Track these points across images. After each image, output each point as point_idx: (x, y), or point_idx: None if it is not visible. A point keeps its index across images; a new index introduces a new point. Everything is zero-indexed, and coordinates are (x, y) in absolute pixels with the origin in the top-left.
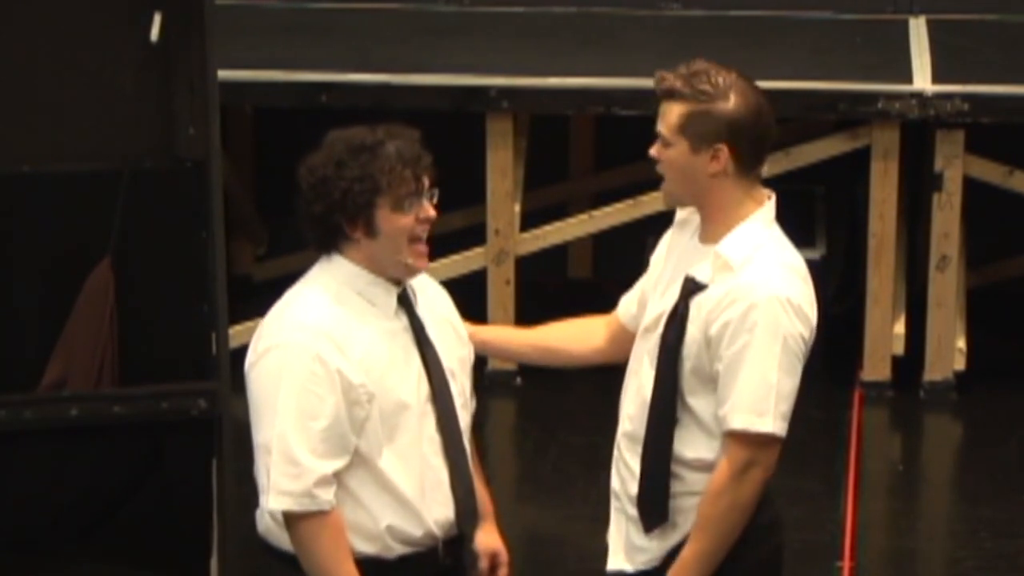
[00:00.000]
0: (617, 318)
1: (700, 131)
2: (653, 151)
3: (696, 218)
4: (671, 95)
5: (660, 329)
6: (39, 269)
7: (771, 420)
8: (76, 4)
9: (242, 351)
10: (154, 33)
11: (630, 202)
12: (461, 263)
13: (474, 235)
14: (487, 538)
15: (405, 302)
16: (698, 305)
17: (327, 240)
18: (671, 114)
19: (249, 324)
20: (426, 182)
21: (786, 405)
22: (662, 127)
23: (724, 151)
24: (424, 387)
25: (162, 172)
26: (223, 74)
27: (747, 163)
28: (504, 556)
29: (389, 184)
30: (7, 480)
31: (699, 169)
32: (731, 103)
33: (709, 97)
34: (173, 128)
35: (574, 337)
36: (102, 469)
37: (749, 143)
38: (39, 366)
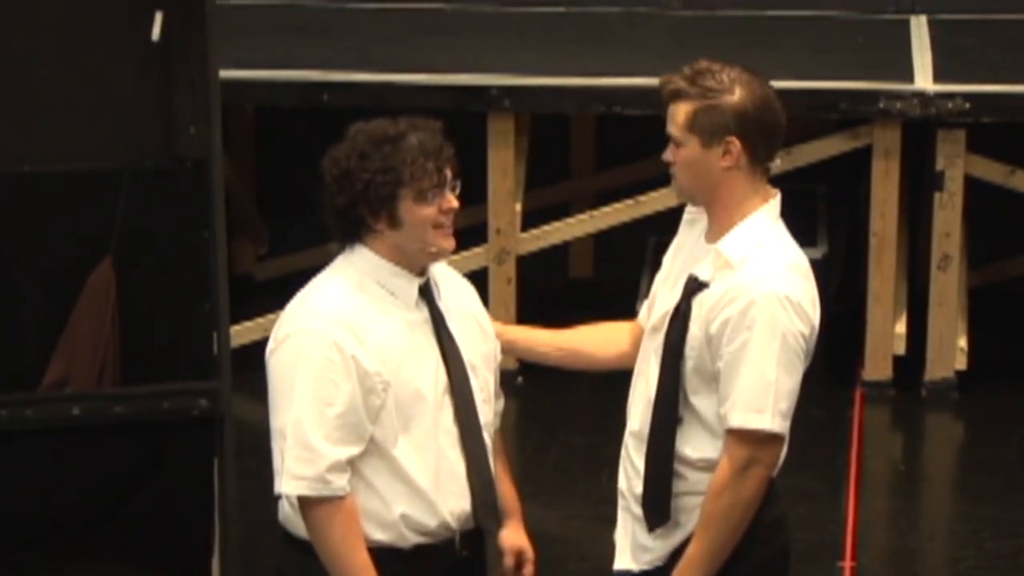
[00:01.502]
0: (639, 324)
1: (709, 126)
2: (666, 155)
3: (703, 218)
4: (677, 96)
5: (665, 328)
6: (41, 268)
7: (769, 417)
8: (77, 4)
9: (244, 350)
10: (155, 32)
11: (631, 202)
12: (462, 262)
13: (475, 234)
14: (513, 535)
15: (427, 294)
16: (700, 303)
17: (350, 232)
18: (679, 114)
19: (251, 323)
20: (448, 173)
21: (786, 403)
22: (672, 128)
23: (735, 144)
24: (442, 379)
25: (163, 171)
26: (224, 73)
27: (759, 154)
28: (530, 553)
29: (412, 176)
30: (8, 479)
31: (712, 164)
32: (736, 96)
33: (715, 93)
34: (174, 127)
35: (600, 341)
36: (103, 468)
37: (759, 134)
38: (41, 365)
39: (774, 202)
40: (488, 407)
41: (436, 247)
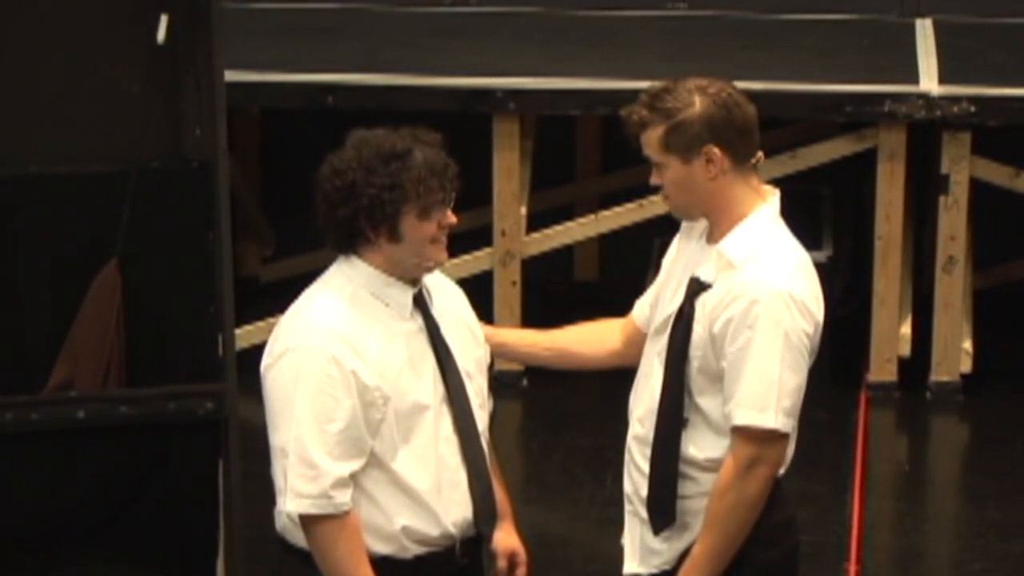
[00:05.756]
0: (632, 320)
1: (683, 143)
2: (653, 179)
3: (703, 221)
4: (643, 126)
5: (669, 330)
6: (46, 270)
7: (773, 415)
8: (83, 6)
9: (249, 352)
10: (161, 35)
11: (636, 204)
12: (467, 264)
13: (480, 237)
14: (505, 538)
15: (420, 303)
16: (703, 304)
17: (346, 242)
18: (651, 141)
19: (256, 325)
20: (451, 191)
21: (790, 401)
22: (649, 154)
23: (714, 151)
24: (440, 388)
25: (169, 173)
26: (230, 75)
27: (740, 155)
28: (522, 556)
29: (418, 194)
30: (14, 481)
31: (698, 177)
32: (699, 106)
33: (677, 110)
34: (180, 129)
35: (590, 340)
36: (108, 470)
37: (735, 134)
38: (46, 367)
39: (773, 200)
40: (483, 412)
41: (432, 261)
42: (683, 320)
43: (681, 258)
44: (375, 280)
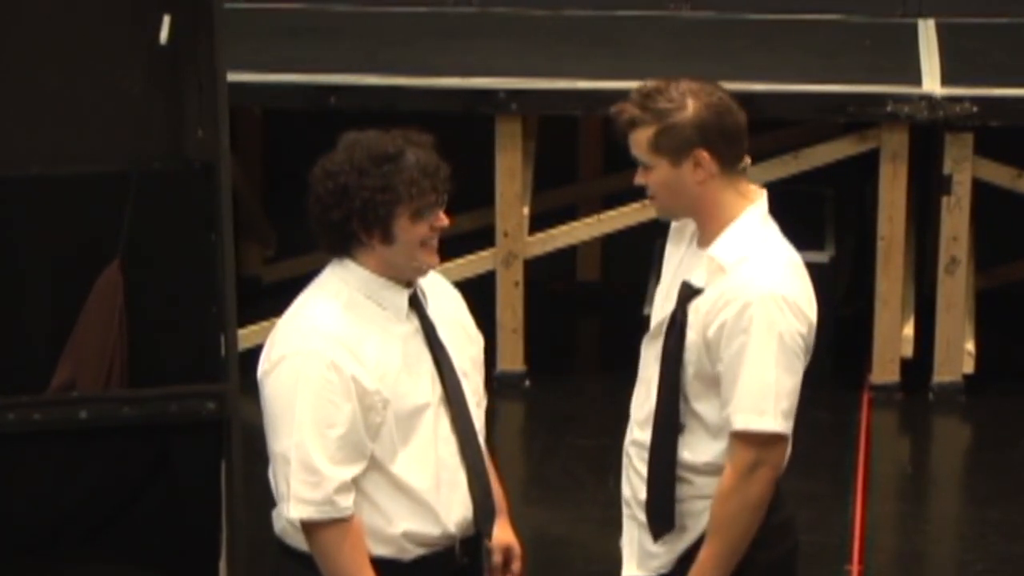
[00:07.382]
0: None
1: (673, 145)
2: (638, 179)
3: (691, 224)
4: (633, 125)
5: (663, 336)
6: (49, 271)
7: (772, 418)
8: (85, 6)
9: (251, 353)
10: (163, 35)
11: (638, 204)
12: (470, 265)
13: (483, 237)
14: (501, 533)
15: (416, 305)
16: (695, 309)
17: (340, 245)
18: (640, 140)
19: (258, 326)
20: (443, 193)
21: (787, 403)
22: (637, 154)
23: (703, 156)
24: (437, 389)
25: (171, 174)
26: (232, 76)
27: (728, 160)
28: (517, 550)
29: (410, 195)
30: (16, 481)
31: (686, 181)
32: (691, 109)
33: (669, 112)
34: (182, 130)
35: None
36: (111, 471)
37: (723, 140)
38: (48, 368)
39: (761, 201)
40: (480, 411)
41: (423, 264)
42: (676, 326)
43: (672, 262)
44: (370, 283)
